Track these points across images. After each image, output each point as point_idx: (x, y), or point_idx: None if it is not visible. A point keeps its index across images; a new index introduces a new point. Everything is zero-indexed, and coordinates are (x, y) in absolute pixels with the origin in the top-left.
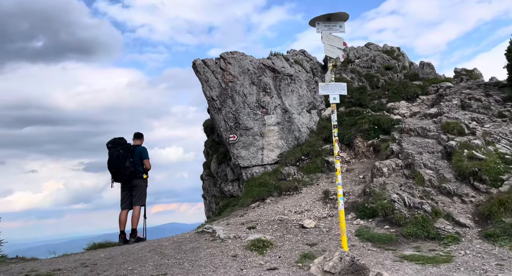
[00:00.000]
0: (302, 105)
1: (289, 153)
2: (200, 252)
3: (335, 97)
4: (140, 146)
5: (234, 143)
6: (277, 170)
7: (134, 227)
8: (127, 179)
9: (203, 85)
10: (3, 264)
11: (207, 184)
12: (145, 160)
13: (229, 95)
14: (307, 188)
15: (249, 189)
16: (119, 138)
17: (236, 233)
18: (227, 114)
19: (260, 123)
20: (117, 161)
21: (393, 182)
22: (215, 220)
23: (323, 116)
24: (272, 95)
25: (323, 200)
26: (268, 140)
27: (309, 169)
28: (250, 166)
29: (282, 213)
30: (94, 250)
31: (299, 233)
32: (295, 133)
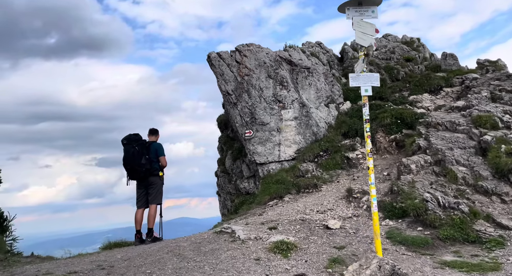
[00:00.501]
0: (320, 99)
1: (307, 148)
2: (221, 254)
3: (367, 89)
4: (155, 142)
5: (250, 139)
6: (295, 167)
7: (150, 227)
8: (143, 176)
9: (218, 79)
10: (17, 265)
11: (222, 181)
12: (161, 156)
13: (245, 89)
14: (327, 185)
15: (266, 186)
16: (134, 134)
17: (256, 233)
18: (243, 109)
19: (277, 118)
20: (133, 158)
21: (422, 179)
22: (232, 218)
23: (342, 110)
24: (289, 89)
25: (346, 198)
26: (285, 135)
27: (328, 166)
28: (267, 162)
29: (304, 212)
30: (110, 250)
31: (324, 234)
32: (313, 128)
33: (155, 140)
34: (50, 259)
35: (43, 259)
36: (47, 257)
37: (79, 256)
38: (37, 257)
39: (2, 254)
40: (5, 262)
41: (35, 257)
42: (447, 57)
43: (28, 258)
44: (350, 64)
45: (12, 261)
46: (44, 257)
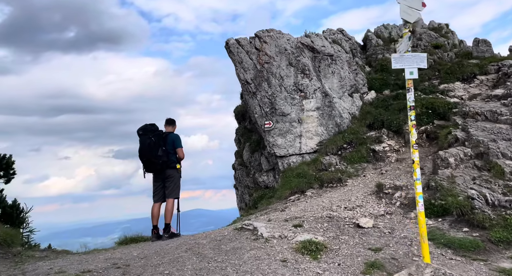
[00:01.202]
0: (343, 89)
1: (330, 141)
2: (243, 254)
3: (412, 72)
4: (172, 133)
5: (269, 130)
6: (317, 160)
7: (167, 222)
8: (159, 169)
9: (236, 67)
10: (30, 261)
11: (239, 174)
12: (178, 148)
13: (265, 77)
14: (353, 180)
15: (287, 180)
16: (150, 124)
17: (281, 231)
18: (263, 99)
19: (298, 109)
20: (149, 150)
21: (463, 174)
22: (251, 213)
23: (366, 100)
24: (311, 77)
25: (376, 194)
26: (307, 126)
27: (353, 159)
28: (287, 155)
29: (330, 208)
30: (126, 246)
31: (355, 234)
32: (336, 119)
33: (172, 130)
34: (65, 254)
35: (58, 254)
36: (63, 251)
37: (94, 252)
38: (53, 251)
39: (16, 247)
40: (18, 257)
41: (51, 250)
42: (479, 43)
43: (44, 251)
44: (374, 52)
45: (25, 256)
46: (59, 251)
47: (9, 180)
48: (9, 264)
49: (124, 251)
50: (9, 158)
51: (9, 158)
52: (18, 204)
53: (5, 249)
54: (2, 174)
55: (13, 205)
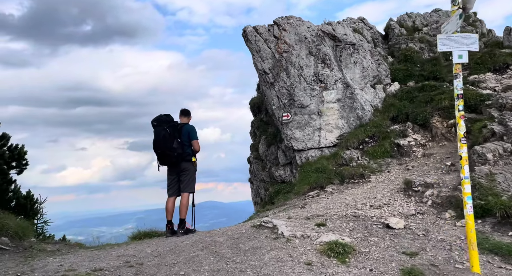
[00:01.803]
0: (366, 80)
1: (351, 134)
2: (264, 255)
3: (461, 55)
4: (188, 124)
5: (287, 123)
6: (337, 154)
7: (182, 217)
8: (174, 162)
9: (254, 56)
10: (40, 256)
11: (255, 168)
12: (194, 140)
13: (283, 67)
14: (376, 175)
15: (305, 174)
16: (165, 114)
17: (303, 230)
18: (281, 90)
19: (318, 100)
20: (164, 141)
21: (503, 171)
22: (268, 209)
23: (389, 92)
24: (332, 67)
25: (404, 192)
26: (327, 119)
27: (376, 153)
28: (305, 149)
29: (354, 206)
30: (139, 242)
31: (385, 235)
32: (358, 111)
33: (187, 121)
34: (77, 247)
35: (70, 247)
36: (76, 244)
37: (107, 247)
38: (66, 244)
39: (28, 239)
40: (28, 251)
41: (64, 243)
42: (510, 32)
43: (56, 244)
44: (397, 41)
45: (36, 250)
46: (72, 244)
47: (21, 170)
48: (18, 259)
49: (137, 247)
50: (21, 149)
51: (21, 149)
52: (32, 195)
53: (16, 242)
54: (15, 165)
55: (27, 196)
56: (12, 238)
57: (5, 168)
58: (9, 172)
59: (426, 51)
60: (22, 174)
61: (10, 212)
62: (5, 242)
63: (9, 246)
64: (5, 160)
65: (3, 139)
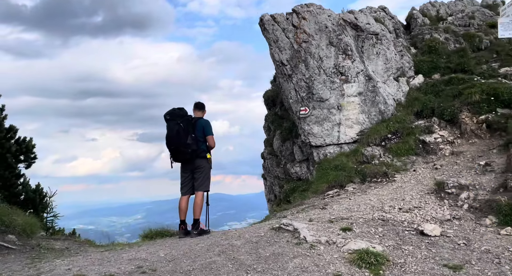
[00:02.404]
0: (388, 72)
1: (372, 130)
2: (287, 263)
3: None
4: (202, 119)
5: (305, 117)
6: (357, 151)
7: (196, 217)
8: (188, 159)
9: (271, 46)
10: (48, 257)
11: (269, 164)
12: (209, 136)
13: (302, 58)
14: (401, 175)
15: (323, 172)
16: (178, 108)
17: (327, 235)
18: (299, 82)
19: (338, 94)
20: (177, 137)
21: None
22: (286, 209)
23: (412, 85)
24: (353, 58)
25: (435, 194)
26: (347, 113)
27: (399, 151)
28: (323, 145)
29: (381, 209)
30: (152, 243)
31: (420, 243)
32: (380, 106)
33: (202, 115)
34: (87, 245)
35: (79, 245)
36: (85, 241)
37: (117, 248)
38: (75, 241)
39: (36, 236)
40: (36, 251)
41: (73, 240)
42: None
43: (65, 240)
44: (420, 32)
45: (44, 250)
46: (82, 241)
47: (29, 164)
48: (24, 261)
49: (149, 249)
50: (29, 142)
51: (29, 142)
52: (41, 189)
53: (23, 240)
54: (23, 159)
55: (36, 190)
56: (20, 236)
57: (13, 161)
58: (17, 165)
59: (452, 42)
60: (30, 167)
61: (19, 207)
62: (12, 240)
63: (16, 244)
64: (13, 153)
65: (10, 131)
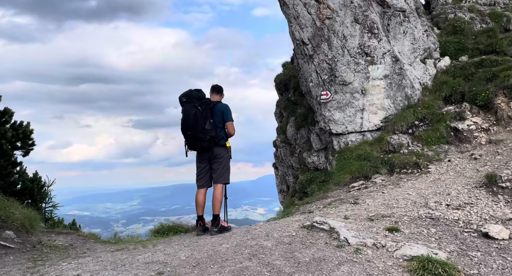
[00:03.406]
0: (415, 53)
1: (398, 116)
2: (333, 272)
3: None
4: (221, 103)
5: (326, 102)
6: (382, 139)
7: (216, 213)
8: (206, 147)
9: (291, 23)
10: (52, 258)
11: (282, 152)
12: (228, 122)
13: (325, 37)
14: (436, 165)
15: (344, 162)
16: (196, 89)
17: (373, 237)
18: (321, 64)
19: (362, 77)
20: (195, 122)
21: None
22: (309, 202)
23: (439, 68)
24: (380, 38)
25: (486, 188)
26: (371, 98)
27: (429, 139)
28: (345, 133)
29: (426, 205)
30: (167, 241)
31: (489, 249)
32: (407, 90)
33: (220, 100)
34: (93, 241)
35: (84, 241)
36: (90, 235)
37: (129, 246)
38: (78, 235)
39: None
40: (37, 250)
41: (76, 234)
42: None
43: (68, 235)
44: (442, 11)
45: (47, 248)
46: (86, 235)
47: (27, 152)
48: (26, 264)
49: (167, 250)
50: (26, 127)
51: (27, 127)
52: (39, 178)
53: (23, 237)
54: (20, 145)
55: (34, 179)
56: (18, 231)
57: (9, 147)
58: (13, 153)
59: (478, 22)
60: (28, 155)
61: (16, 197)
62: (10, 237)
63: (15, 242)
64: (8, 139)
65: (5, 115)
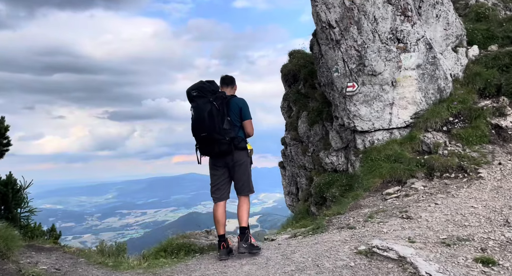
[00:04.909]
0: (448, 40)
1: (429, 112)
2: None
3: None
4: (237, 97)
5: (352, 95)
6: (414, 137)
7: (244, 225)
8: (225, 151)
9: (316, 3)
10: None
11: (293, 151)
12: (246, 120)
13: (355, 19)
14: (487, 170)
15: (372, 164)
16: (208, 81)
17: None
18: (348, 51)
19: (394, 66)
20: (211, 120)
21: None
22: (339, 212)
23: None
24: (413, 21)
25: None
26: (402, 91)
27: (470, 138)
28: (371, 130)
29: (506, 223)
30: (183, 267)
31: None
32: (440, 82)
33: (233, 93)
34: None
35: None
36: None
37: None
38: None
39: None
40: None
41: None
42: None
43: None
44: None
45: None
46: (73, 251)
47: (1, 153)
48: None
49: None
50: (1, 122)
51: (1, 123)
52: (14, 180)
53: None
54: None
55: (8, 182)
56: None
57: None
58: None
59: (502, 8)
60: (2, 157)
61: None
62: None
63: None
64: None
65: None
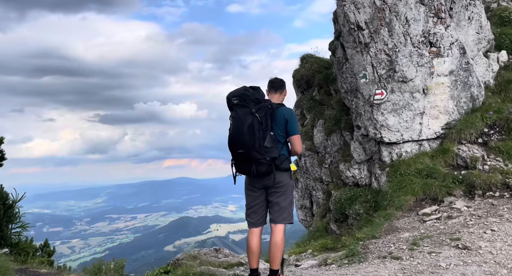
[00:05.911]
0: (480, 45)
1: (462, 122)
2: None
3: None
4: (284, 107)
5: (380, 104)
6: (447, 150)
7: (275, 268)
8: (265, 172)
9: (344, 2)
10: None
11: (308, 162)
12: (294, 135)
13: (386, 21)
14: None
15: (402, 179)
16: (252, 87)
17: None
18: (378, 55)
19: (426, 72)
20: (251, 135)
21: None
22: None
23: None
24: (447, 23)
25: None
26: (433, 99)
27: (511, 152)
28: (399, 142)
29: None
30: None
31: None
32: (473, 90)
33: (281, 100)
34: None
35: None
36: None
37: None
38: None
39: None
40: None
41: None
42: None
43: None
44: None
45: None
46: None
47: None
48: None
49: None
50: None
51: None
52: (5, 194)
53: None
54: None
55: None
56: None
57: None
58: None
59: None
60: None
61: None
62: None
63: None
64: None
65: None
